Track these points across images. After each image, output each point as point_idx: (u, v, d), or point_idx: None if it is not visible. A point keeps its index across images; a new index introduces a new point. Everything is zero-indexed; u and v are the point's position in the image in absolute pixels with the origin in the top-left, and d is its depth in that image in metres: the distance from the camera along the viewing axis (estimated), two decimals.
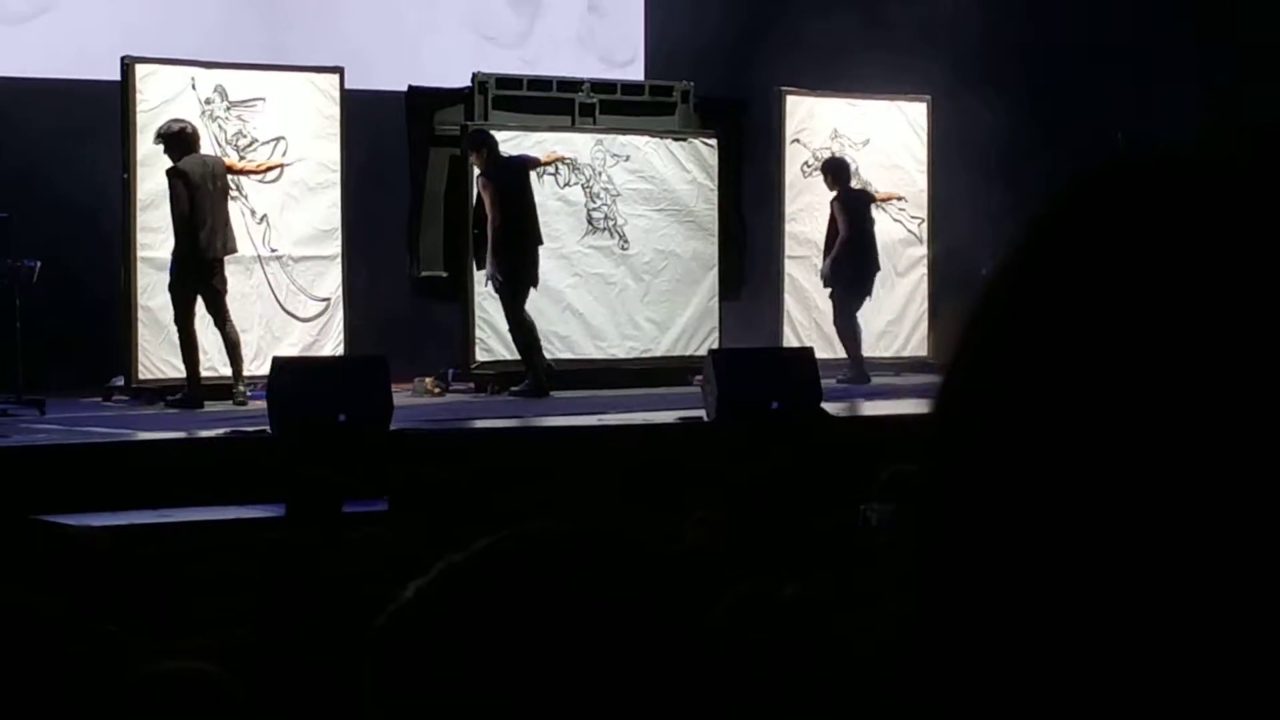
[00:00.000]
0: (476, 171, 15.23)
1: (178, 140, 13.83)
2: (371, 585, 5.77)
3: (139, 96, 14.51)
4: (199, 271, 13.75)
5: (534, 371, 15.04)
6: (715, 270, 16.83)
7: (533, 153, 15.85)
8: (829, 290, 16.55)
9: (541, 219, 15.83)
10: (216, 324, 13.94)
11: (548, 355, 15.68)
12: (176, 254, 13.81)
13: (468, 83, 16.05)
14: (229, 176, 14.30)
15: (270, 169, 14.96)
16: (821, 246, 16.92)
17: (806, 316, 17.15)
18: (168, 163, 14.02)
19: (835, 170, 16.71)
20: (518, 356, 15.43)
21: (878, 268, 16.66)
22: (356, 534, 7.81)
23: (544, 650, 1.56)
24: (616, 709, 1.57)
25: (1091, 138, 16.07)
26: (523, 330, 15.05)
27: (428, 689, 1.58)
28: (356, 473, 9.13)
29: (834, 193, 16.56)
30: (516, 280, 15.02)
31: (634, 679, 1.58)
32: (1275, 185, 0.83)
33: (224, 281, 13.98)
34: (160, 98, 14.57)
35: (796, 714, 3.71)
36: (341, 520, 7.97)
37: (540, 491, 10.07)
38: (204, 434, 12.06)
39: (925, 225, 17.86)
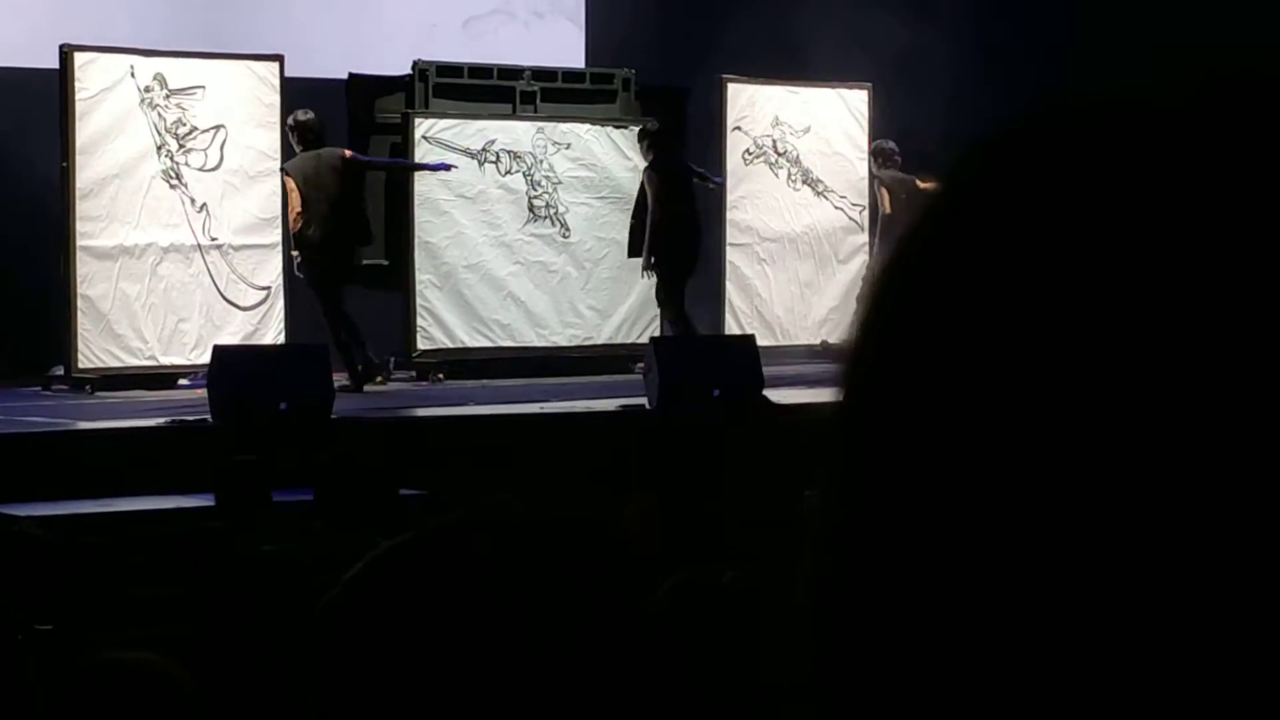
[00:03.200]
0: (643, 163, 15.74)
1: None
2: (303, 573, 5.77)
3: (78, 84, 14.43)
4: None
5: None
6: None
7: (475, 141, 15.87)
8: None
9: (483, 207, 15.88)
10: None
11: (489, 342, 15.77)
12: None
13: (408, 70, 16.01)
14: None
15: None
16: (765, 235, 17.13)
17: (748, 304, 17.16)
18: (106, 151, 14.04)
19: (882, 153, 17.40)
20: (461, 344, 15.53)
21: None
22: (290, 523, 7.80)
23: (475, 637, 1.57)
24: (550, 692, 1.58)
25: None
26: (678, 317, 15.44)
27: (363, 676, 1.59)
28: (296, 461, 9.10)
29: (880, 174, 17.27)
30: (666, 271, 15.39)
31: (569, 662, 1.59)
32: (1228, 119, 0.71)
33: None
34: (99, 85, 14.51)
35: (735, 700, 3.73)
36: (270, 505, 7.94)
37: (481, 479, 10.06)
38: (144, 423, 12.01)
39: (866, 213, 17.88)
